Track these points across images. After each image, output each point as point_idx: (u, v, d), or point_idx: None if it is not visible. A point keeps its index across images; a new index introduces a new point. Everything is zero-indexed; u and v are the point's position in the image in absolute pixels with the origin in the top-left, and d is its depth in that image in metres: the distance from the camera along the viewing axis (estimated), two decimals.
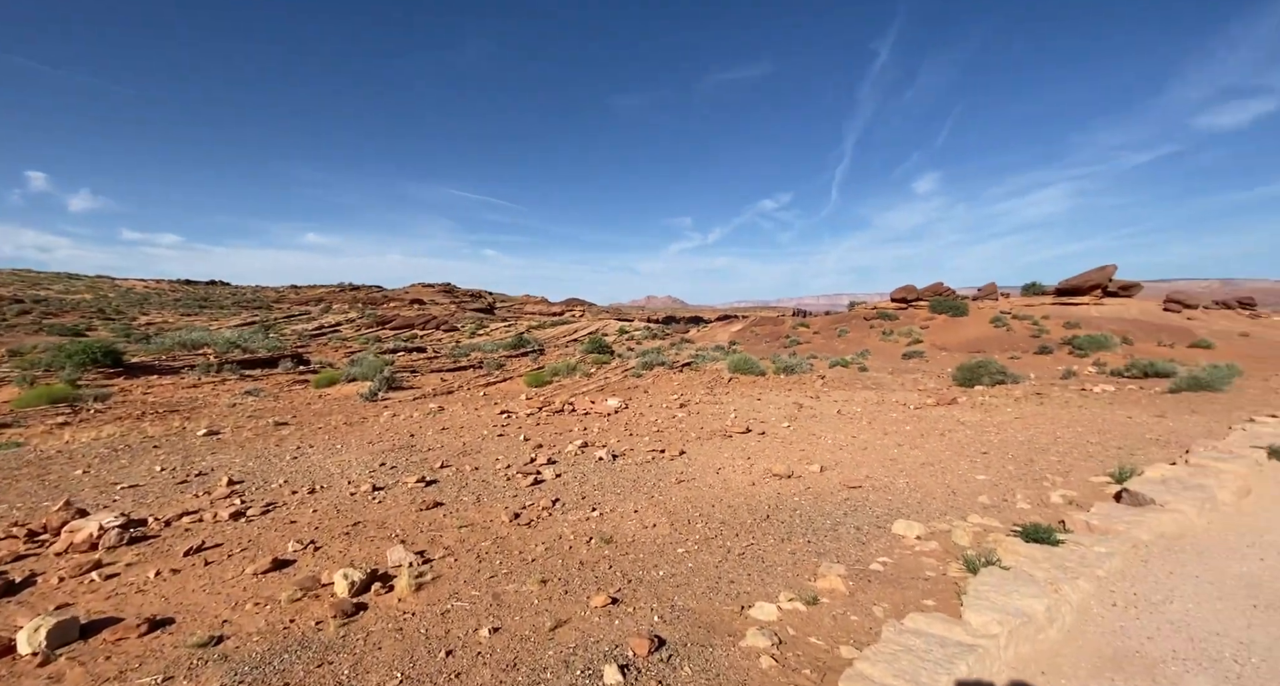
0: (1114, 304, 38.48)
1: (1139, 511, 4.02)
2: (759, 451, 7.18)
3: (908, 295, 45.70)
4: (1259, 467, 5.27)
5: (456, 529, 4.58)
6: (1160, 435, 7.01)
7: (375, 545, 4.22)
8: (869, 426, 8.41)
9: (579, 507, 5.09)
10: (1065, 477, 5.38)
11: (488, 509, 5.10)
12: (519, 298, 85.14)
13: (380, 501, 5.30)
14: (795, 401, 11.17)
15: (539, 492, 5.53)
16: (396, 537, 4.36)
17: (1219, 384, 11.56)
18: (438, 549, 4.15)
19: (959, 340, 32.74)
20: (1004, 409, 9.51)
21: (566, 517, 4.86)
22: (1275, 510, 4.35)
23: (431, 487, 5.77)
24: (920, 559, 3.70)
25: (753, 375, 15.59)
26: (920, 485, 5.40)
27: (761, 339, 43.84)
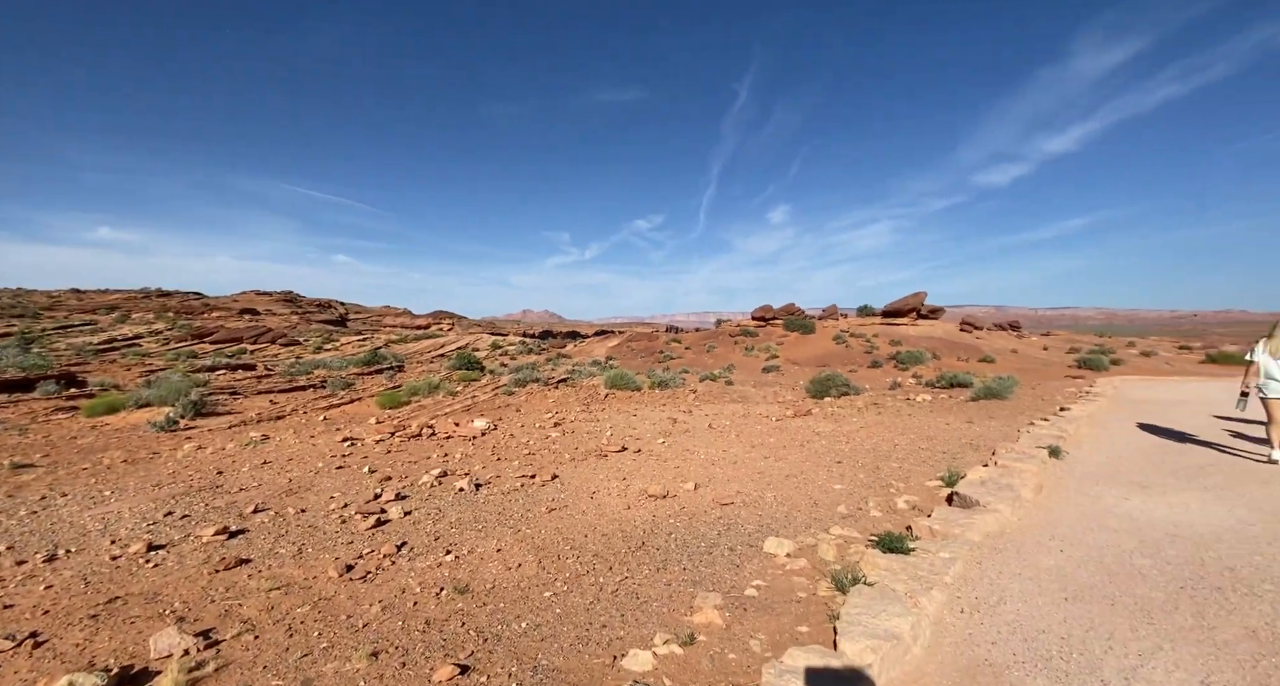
0: (925, 325, 45.52)
1: (968, 513, 4.44)
2: (634, 470, 6.97)
3: (766, 314, 49.83)
4: (1045, 465, 6.24)
5: (264, 593, 3.66)
6: (972, 439, 8.11)
7: (136, 629, 3.18)
8: (738, 440, 8.67)
9: (430, 551, 4.40)
10: (906, 483, 5.89)
11: (312, 562, 4.20)
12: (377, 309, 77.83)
13: (157, 565, 4.11)
14: (670, 416, 11.26)
15: (381, 536, 4.71)
16: (172, 615, 3.35)
17: (1005, 393, 13.95)
18: (231, 624, 3.24)
19: (808, 355, 36.29)
20: (850, 419, 10.46)
21: (414, 565, 4.15)
22: (1062, 503, 5.11)
23: (237, 540, 4.66)
24: (792, 579, 3.68)
25: (629, 390, 15.58)
26: (786, 498, 5.55)
27: (637, 354, 44.70)
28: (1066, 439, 7.81)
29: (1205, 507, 4.88)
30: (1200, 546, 3.98)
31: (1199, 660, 2.57)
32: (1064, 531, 4.34)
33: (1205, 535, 4.20)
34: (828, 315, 52.41)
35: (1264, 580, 3.41)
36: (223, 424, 10.82)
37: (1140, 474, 6.16)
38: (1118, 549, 3.96)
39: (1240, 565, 3.63)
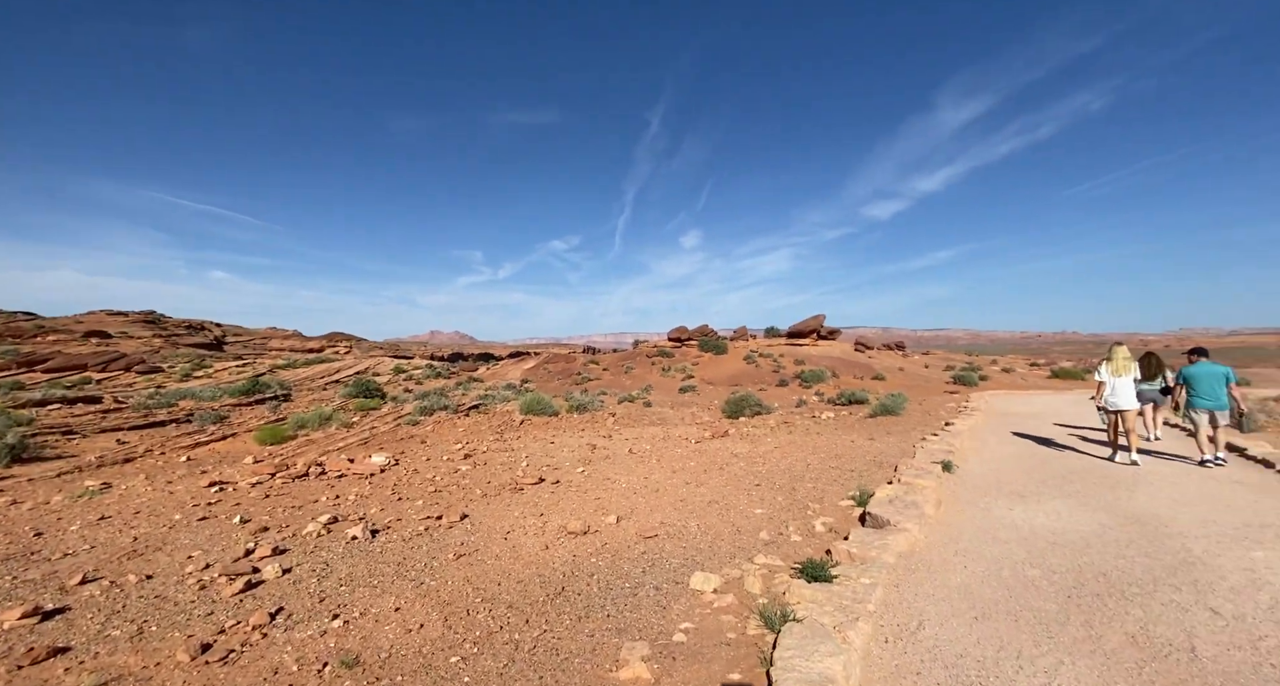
0: (825, 345, 48.82)
1: (881, 534, 4.58)
2: (553, 505, 6.60)
3: (681, 335, 51.03)
4: (941, 480, 6.70)
5: None
6: (875, 456, 8.58)
7: None
8: (659, 465, 8.55)
9: (313, 617, 3.79)
10: (822, 504, 6.04)
11: (155, 644, 3.45)
12: (262, 331, 70.38)
13: None
14: (589, 442, 10.95)
15: (252, 602, 4.00)
16: None
17: (898, 409, 15.11)
18: None
19: (722, 375, 37.46)
20: (765, 439, 10.75)
21: (292, 636, 3.54)
22: (959, 517, 5.45)
23: (54, 622, 3.75)
24: (720, 618, 3.54)
25: (546, 415, 15.05)
26: (710, 527, 5.47)
27: (554, 376, 43.81)
28: (955, 453, 8.49)
29: (1074, 514, 5.43)
30: (1076, 553, 4.37)
31: (1095, 672, 2.73)
32: (965, 546, 4.60)
33: (1077, 542, 4.64)
34: (738, 336, 54.68)
35: (1130, 583, 3.78)
36: (49, 471, 9.01)
37: (1018, 484, 6.78)
38: (1011, 561, 4.25)
39: (1109, 570, 4.00)
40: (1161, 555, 4.29)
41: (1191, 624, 3.16)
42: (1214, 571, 3.93)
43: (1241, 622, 3.18)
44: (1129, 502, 5.80)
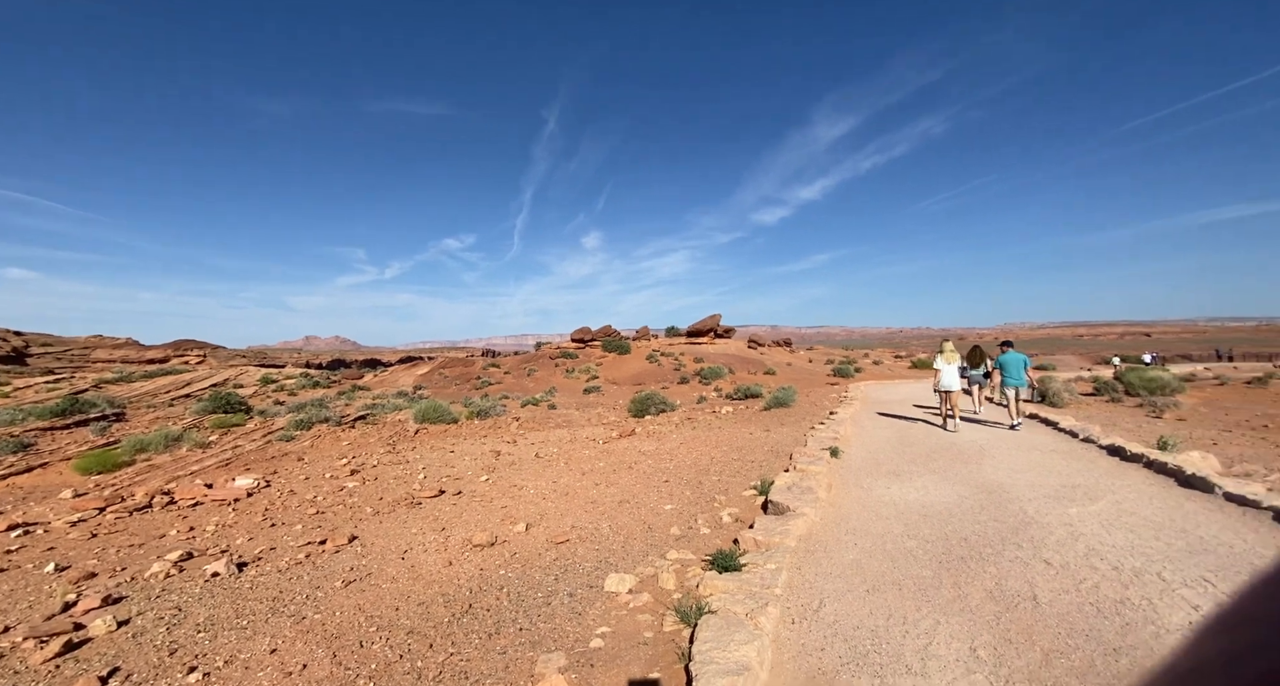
0: (722, 343, 51.21)
1: (782, 520, 4.86)
2: (455, 517, 6.22)
3: (585, 336, 50.84)
4: (830, 465, 7.28)
5: None
6: (773, 446, 9.12)
7: None
8: (567, 468, 8.41)
9: (162, 674, 3.22)
10: (728, 495, 6.29)
11: None
12: (82, 340, 59.15)
13: None
14: (493, 449, 10.50)
15: (73, 667, 3.31)
16: None
17: (789, 401, 16.23)
18: None
19: (626, 374, 37.88)
20: (670, 435, 11.01)
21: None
22: (847, 498, 5.95)
23: None
24: (637, 618, 3.53)
25: (444, 423, 14.20)
26: (622, 526, 5.46)
27: (452, 381, 41.58)
28: (840, 439, 9.28)
29: (939, 488, 6.15)
30: (943, 522, 4.95)
31: (965, 627, 3.09)
32: (854, 524, 5.02)
33: (943, 512, 5.26)
34: (641, 336, 55.61)
35: (986, 545, 4.35)
36: None
37: (893, 464, 7.56)
38: (892, 534, 4.71)
39: (969, 535, 4.58)
40: (1006, 518, 4.99)
41: (1032, 576, 3.71)
42: (1044, 528, 4.65)
43: (1067, 569, 3.78)
44: (979, 474, 6.69)
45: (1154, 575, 3.63)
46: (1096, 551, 4.09)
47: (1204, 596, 3.29)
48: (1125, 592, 3.39)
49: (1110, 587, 3.47)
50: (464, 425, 14.11)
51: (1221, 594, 3.31)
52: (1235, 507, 4.91)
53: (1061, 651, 2.81)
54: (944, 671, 2.71)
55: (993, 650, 2.86)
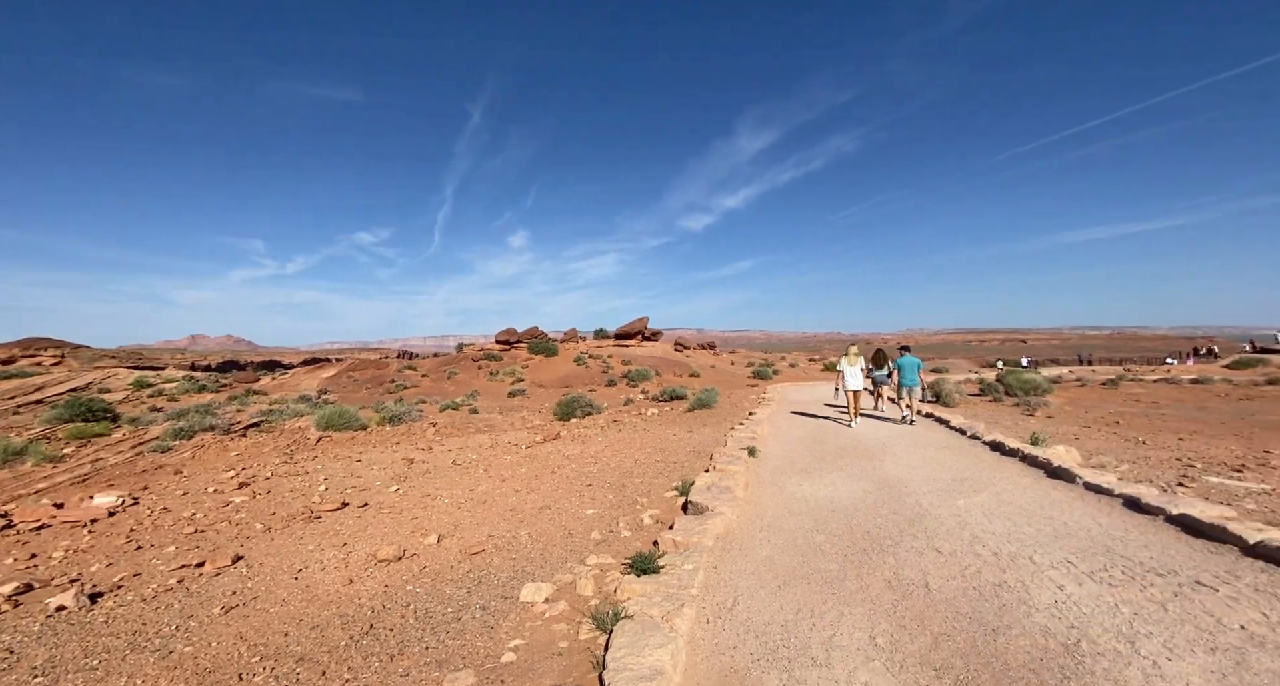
0: (649, 346, 51.80)
1: (701, 519, 4.94)
2: (359, 531, 5.78)
3: (510, 337, 49.55)
4: (747, 464, 7.51)
5: None
6: (695, 447, 9.29)
7: None
8: (487, 475, 8.09)
9: None
10: (650, 497, 6.31)
11: None
12: None
13: None
14: (405, 456, 9.90)
15: None
16: None
17: (712, 402, 16.67)
18: None
19: (553, 377, 37.31)
20: (596, 438, 10.92)
21: None
22: (763, 496, 6.15)
23: None
24: (552, 628, 3.42)
25: (351, 430, 13.24)
26: (542, 533, 5.31)
27: (362, 385, 39.01)
28: (757, 439, 9.62)
29: (846, 484, 6.52)
30: (849, 517, 5.24)
31: (866, 617, 3.27)
32: (768, 521, 5.19)
33: (849, 507, 5.57)
34: (569, 338, 55.03)
35: (886, 537, 4.64)
36: None
37: (805, 462, 7.93)
38: (804, 530, 4.91)
39: (872, 528, 4.87)
40: (904, 510, 5.37)
41: (925, 564, 4.00)
42: (936, 520, 5.04)
43: (955, 557, 4.12)
44: (881, 470, 7.16)
45: (1027, 559, 4.03)
46: (980, 539, 4.48)
47: (1067, 576, 3.69)
48: (1003, 576, 3.73)
49: (991, 572, 3.81)
50: (374, 432, 13.23)
51: (1081, 573, 3.73)
52: (1093, 495, 5.59)
53: (949, 634, 3.04)
54: (846, 661, 2.84)
55: (890, 637, 3.04)
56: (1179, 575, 3.64)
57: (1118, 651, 2.80)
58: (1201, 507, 4.74)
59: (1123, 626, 3.05)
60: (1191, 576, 3.60)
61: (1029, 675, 2.65)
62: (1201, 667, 2.63)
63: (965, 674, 2.69)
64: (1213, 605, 3.22)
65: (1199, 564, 3.80)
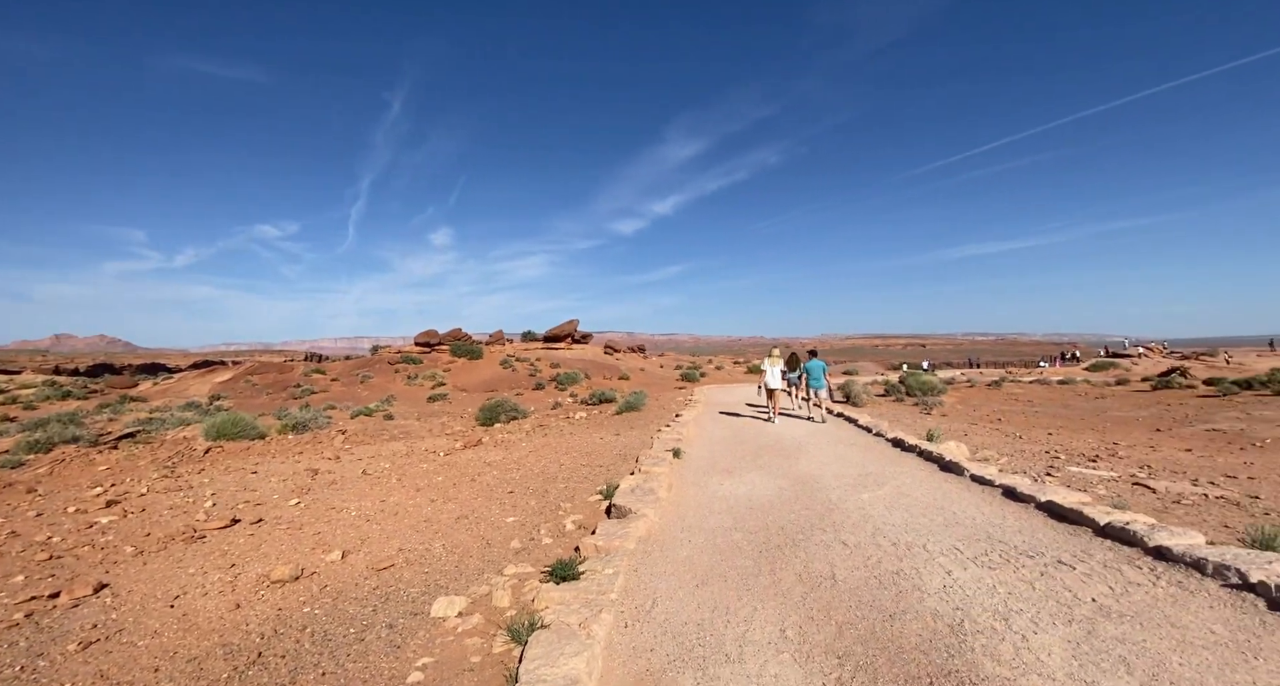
0: (579, 348, 51.46)
1: (624, 523, 4.94)
2: (251, 550, 5.27)
3: (431, 339, 47.43)
4: (672, 466, 7.62)
5: None
6: (621, 450, 9.30)
7: None
8: (400, 485, 7.65)
9: None
10: (573, 502, 6.23)
11: None
12: None
13: None
14: (310, 467, 9.17)
15: None
16: None
17: (640, 405, 16.79)
18: None
19: (477, 381, 36.09)
20: (520, 444, 10.65)
21: None
22: (685, 496, 6.26)
23: None
24: (464, 643, 3.28)
25: (247, 439, 12.08)
26: (457, 544, 5.09)
27: (263, 390, 35.79)
28: (683, 440, 9.80)
29: (765, 482, 6.77)
30: (766, 513, 5.45)
31: (777, 611, 3.40)
32: (690, 521, 5.29)
33: (766, 504, 5.79)
34: (495, 340, 53.49)
35: (799, 531, 4.87)
36: None
37: (727, 462, 8.17)
38: (723, 528, 5.05)
39: (786, 524, 5.09)
40: (815, 505, 5.66)
41: (833, 557, 4.23)
42: (843, 513, 5.36)
43: (859, 548, 4.39)
44: (796, 468, 7.52)
45: (921, 547, 4.37)
46: (881, 530, 4.80)
47: (954, 562, 4.03)
48: (900, 565, 4.02)
49: (890, 561, 4.09)
50: (274, 441, 12.16)
51: (966, 558, 4.09)
52: (978, 486, 6.17)
53: (851, 622, 3.23)
54: (758, 655, 2.93)
55: (799, 629, 3.18)
56: (1045, 556, 4.09)
57: (994, 628, 3.09)
58: (1064, 494, 5.36)
59: (999, 605, 3.37)
60: (1055, 556, 4.06)
61: (919, 656, 2.86)
62: (1061, 638, 2.96)
63: (865, 658, 2.86)
64: (1071, 581, 3.64)
65: (1061, 545, 4.29)
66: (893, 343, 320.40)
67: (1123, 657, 2.77)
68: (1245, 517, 5.22)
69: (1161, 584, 3.54)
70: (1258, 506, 5.59)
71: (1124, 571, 3.75)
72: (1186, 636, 2.93)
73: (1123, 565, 3.85)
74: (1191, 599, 3.33)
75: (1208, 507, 5.58)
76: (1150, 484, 6.50)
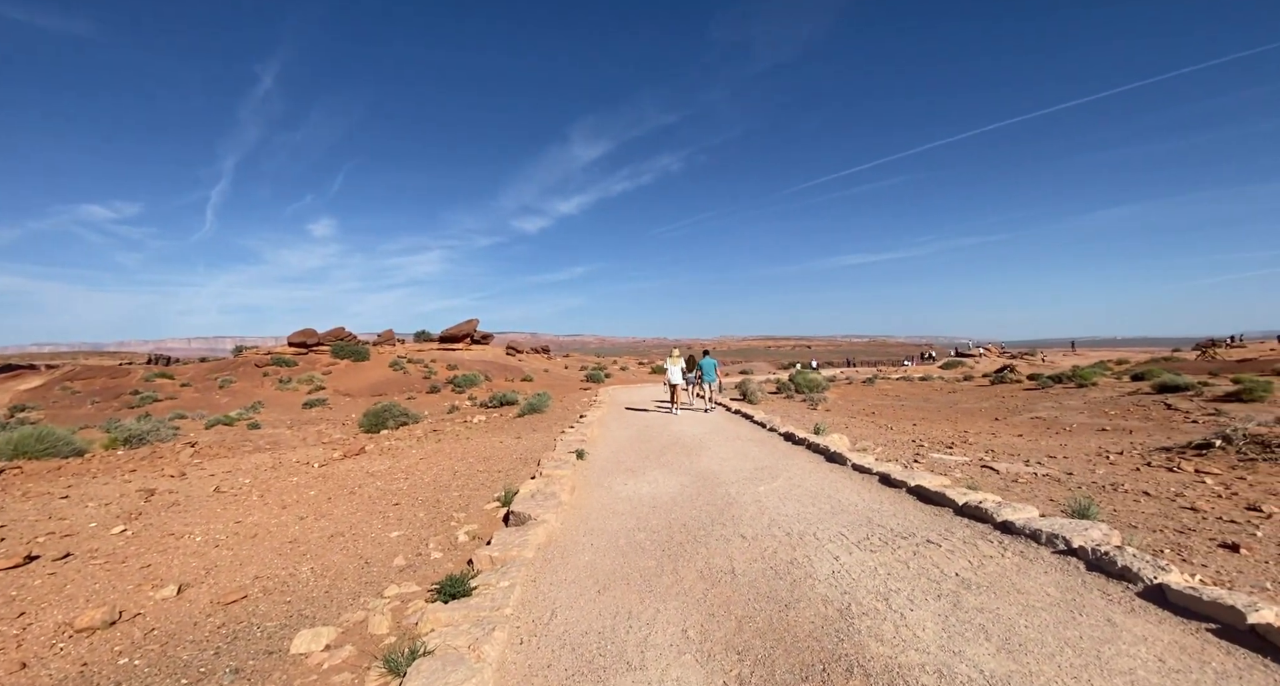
0: (479, 349, 49.31)
1: (523, 530, 4.67)
2: (51, 593, 4.29)
3: (308, 339, 42.96)
4: (575, 467, 7.42)
5: None
6: (522, 454, 8.92)
7: None
8: (263, 502, 6.69)
9: None
10: (467, 512, 5.81)
11: None
12: None
13: None
14: (144, 487, 7.75)
15: None
16: None
17: (543, 407, 16.34)
18: None
19: (363, 384, 33.21)
20: (410, 451, 9.85)
21: None
22: (589, 499, 6.09)
23: None
24: (331, 680, 2.86)
25: (57, 457, 10.01)
26: (330, 566, 4.50)
27: (88, 398, 30.28)
28: (587, 441, 9.63)
29: (667, 480, 6.81)
30: (668, 512, 5.44)
31: (679, 611, 3.35)
32: (593, 524, 5.13)
33: (669, 502, 5.80)
34: (384, 340, 49.66)
35: (700, 527, 4.91)
36: None
37: (632, 461, 8.13)
38: (626, 529, 4.95)
39: (689, 521, 5.12)
40: (716, 500, 5.77)
41: (732, 551, 4.29)
42: (741, 507, 5.51)
43: (756, 540, 4.51)
44: (698, 464, 7.66)
45: (812, 535, 4.58)
46: (776, 522, 4.98)
47: (841, 548, 4.26)
48: (794, 553, 4.17)
49: (784, 551, 4.23)
50: (97, 458, 10.19)
51: (851, 543, 4.35)
52: (859, 475, 6.65)
53: (750, 616, 3.26)
54: (660, 659, 2.85)
55: (700, 628, 3.15)
56: (916, 536, 4.46)
57: (876, 609, 3.28)
58: (929, 479, 5.93)
59: (880, 586, 3.60)
60: (924, 537, 4.44)
61: (813, 643, 2.94)
62: (933, 613, 3.20)
63: (763, 651, 2.89)
64: (938, 559, 3.98)
65: (929, 525, 4.71)
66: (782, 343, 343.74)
67: (982, 626, 3.05)
68: (1065, 492, 6.12)
69: (1009, 555, 3.99)
70: (1072, 481, 6.59)
71: (979, 546, 4.19)
72: (1029, 600, 3.30)
73: (978, 540, 4.30)
74: (1031, 566, 3.78)
75: (1037, 485, 6.48)
76: (995, 466, 7.43)
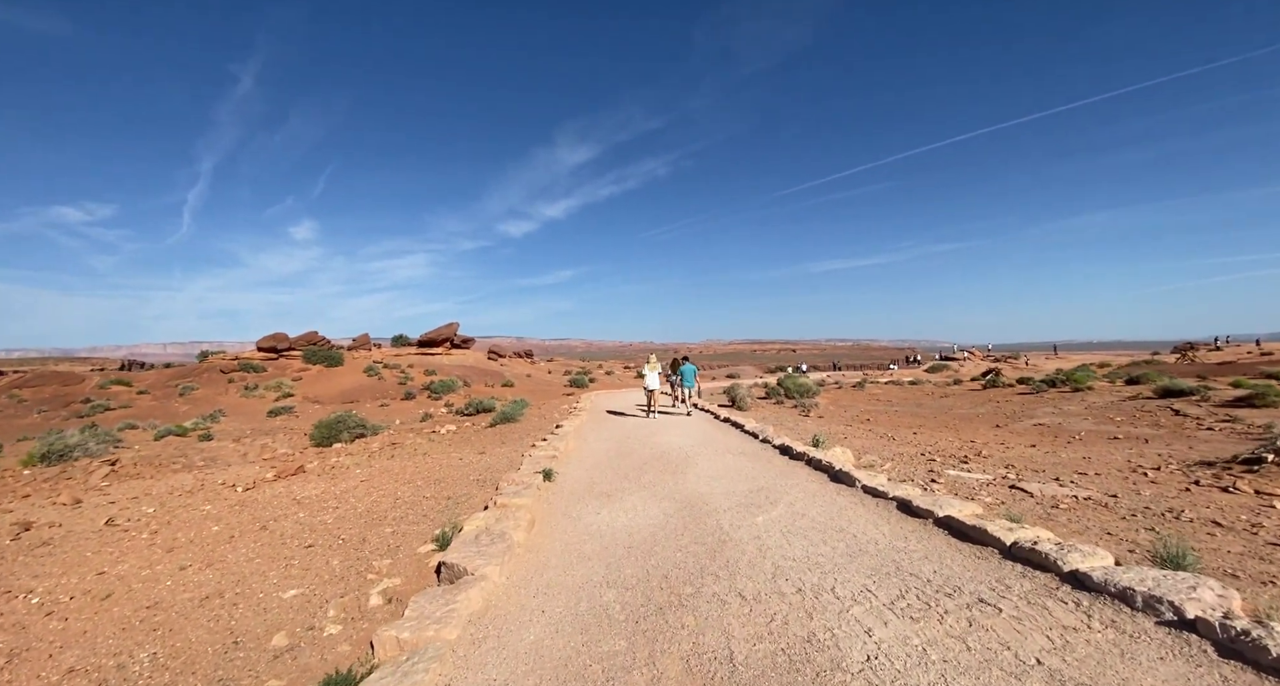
0: (459, 354, 47.81)
1: (454, 591, 3.56)
2: None
3: (278, 344, 41.21)
4: (540, 492, 6.32)
5: None
6: (481, 474, 7.77)
7: None
8: (150, 541, 5.46)
9: None
10: (394, 557, 4.66)
11: None
12: None
13: None
14: (19, 520, 6.46)
15: None
16: None
17: (518, 415, 15.17)
18: None
19: (334, 391, 31.68)
20: (354, 470, 8.63)
21: None
22: (549, 538, 4.99)
23: None
24: None
25: None
26: (181, 649, 3.33)
27: (35, 407, 28.42)
28: (558, 457, 8.51)
29: (648, 507, 5.72)
30: (647, 555, 4.36)
31: None
32: (550, 576, 4.03)
33: (649, 540, 4.72)
34: (359, 345, 47.98)
35: (687, 581, 3.84)
36: None
37: (607, 482, 7.03)
38: (591, 584, 3.86)
39: (672, 570, 4.05)
40: (705, 537, 4.70)
41: (729, 621, 3.23)
42: (737, 546, 4.45)
43: (760, 602, 3.45)
44: (683, 486, 6.58)
45: (829, 592, 3.53)
46: (782, 569, 3.93)
47: (870, 613, 3.22)
48: (810, 625, 3.11)
49: (797, 621, 3.17)
50: (12, 478, 8.83)
51: (882, 605, 3.31)
52: (872, 500, 5.63)
53: None
54: None
55: None
56: (964, 593, 3.44)
57: None
58: (959, 507, 4.93)
59: (936, 681, 2.56)
60: (975, 594, 3.41)
61: None
62: None
63: None
64: (1004, 633, 2.95)
65: (975, 576, 3.69)
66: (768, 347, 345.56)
67: None
68: (1119, 521, 5.16)
69: (1097, 626, 2.98)
70: (1121, 507, 5.64)
71: (1052, 610, 3.17)
72: None
73: (1047, 600, 3.29)
74: (1136, 647, 2.76)
75: (1083, 511, 5.52)
76: (1025, 487, 6.47)
